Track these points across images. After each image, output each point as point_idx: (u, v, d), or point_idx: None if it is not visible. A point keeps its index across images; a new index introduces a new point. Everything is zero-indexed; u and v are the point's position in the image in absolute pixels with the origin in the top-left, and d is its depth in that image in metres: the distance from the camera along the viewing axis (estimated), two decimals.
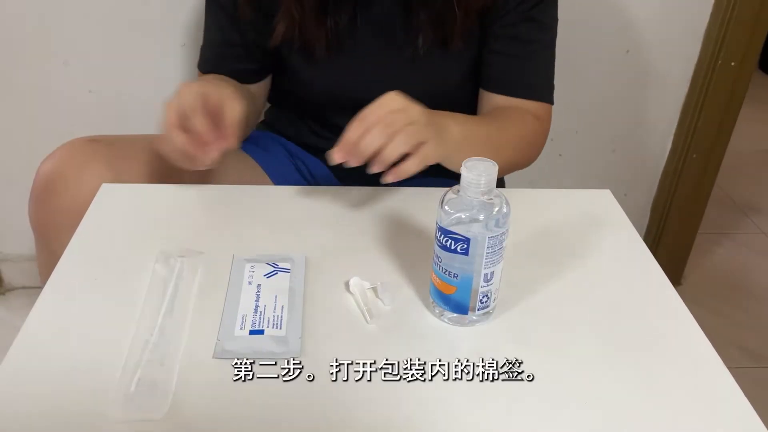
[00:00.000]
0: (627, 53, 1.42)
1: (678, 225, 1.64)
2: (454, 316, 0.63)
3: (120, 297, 0.65)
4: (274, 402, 0.55)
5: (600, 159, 1.57)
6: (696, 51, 1.43)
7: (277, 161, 1.01)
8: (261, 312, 0.63)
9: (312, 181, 1.04)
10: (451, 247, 0.60)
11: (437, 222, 0.61)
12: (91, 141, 0.84)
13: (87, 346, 0.60)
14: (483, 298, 0.62)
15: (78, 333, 0.61)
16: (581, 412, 0.56)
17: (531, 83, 0.94)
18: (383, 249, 0.73)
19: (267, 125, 1.11)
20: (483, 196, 0.58)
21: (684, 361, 0.61)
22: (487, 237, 0.59)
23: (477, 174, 0.58)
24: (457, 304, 0.62)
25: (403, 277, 0.69)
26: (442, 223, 0.60)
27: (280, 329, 0.61)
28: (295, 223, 0.77)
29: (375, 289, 0.67)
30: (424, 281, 0.67)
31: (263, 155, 1.01)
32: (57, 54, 1.34)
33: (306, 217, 0.78)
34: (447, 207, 0.60)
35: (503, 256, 0.61)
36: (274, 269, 0.69)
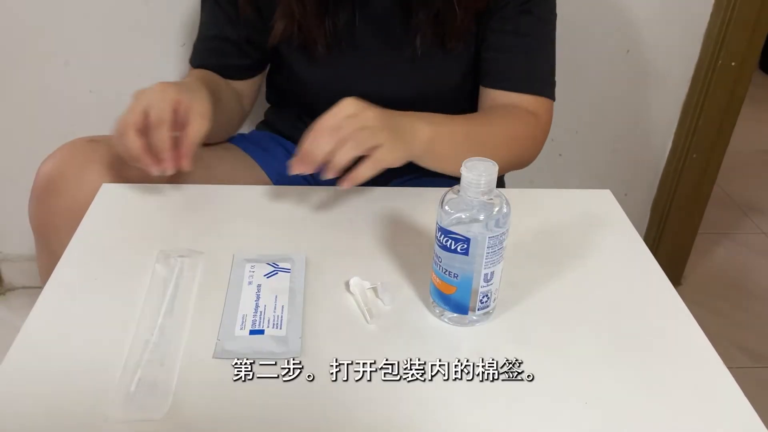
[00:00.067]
0: (627, 53, 1.42)
1: (678, 225, 1.64)
2: (454, 316, 0.63)
3: (120, 297, 0.65)
4: (274, 402, 0.55)
5: (600, 159, 1.56)
6: (696, 51, 1.43)
7: (277, 161, 1.01)
8: (261, 312, 0.63)
9: (312, 181, 1.04)
10: (452, 247, 0.60)
11: (437, 222, 0.61)
12: (92, 141, 0.84)
13: (87, 346, 0.60)
14: (483, 298, 0.62)
15: (78, 333, 0.61)
16: (581, 411, 0.56)
17: (527, 77, 0.92)
18: (383, 249, 0.73)
19: (267, 125, 1.11)
20: (483, 196, 0.58)
21: (684, 361, 0.61)
22: (487, 237, 0.59)
23: (477, 174, 0.58)
24: (457, 304, 0.62)
25: (403, 277, 0.69)
26: (442, 223, 0.60)
27: (280, 329, 0.61)
28: (295, 223, 0.77)
29: (375, 289, 0.67)
30: (424, 281, 0.67)
31: (263, 155, 1.01)
32: (57, 54, 1.34)
33: (306, 217, 0.78)
34: (447, 207, 0.60)
35: (503, 256, 0.61)
36: (274, 269, 0.69)
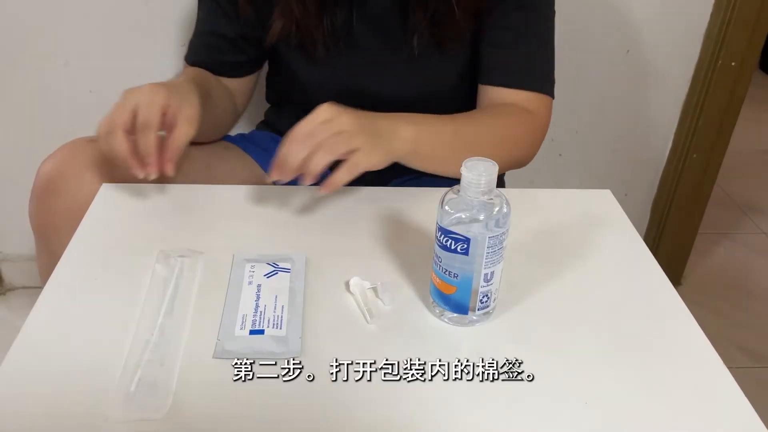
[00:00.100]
0: (627, 53, 1.42)
1: (678, 225, 1.64)
2: (454, 316, 0.63)
3: (120, 297, 0.65)
4: (274, 402, 0.55)
5: (600, 159, 1.57)
6: (696, 51, 1.43)
7: None
8: (261, 312, 0.63)
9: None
10: (452, 247, 0.60)
11: (437, 222, 0.61)
12: (92, 141, 0.84)
13: (87, 346, 0.60)
14: (483, 298, 0.62)
15: (78, 333, 0.61)
16: (581, 411, 0.56)
17: (524, 73, 0.91)
18: (383, 249, 0.73)
19: (267, 125, 1.11)
20: (483, 196, 0.58)
21: (684, 361, 0.61)
22: (487, 237, 0.59)
23: (477, 174, 0.58)
24: (457, 304, 0.62)
25: (403, 277, 0.69)
26: (442, 223, 0.60)
27: (280, 329, 0.61)
28: (295, 223, 0.77)
29: (375, 289, 0.67)
30: (424, 281, 0.67)
31: (263, 155, 1.01)
32: (57, 54, 1.34)
33: (306, 217, 0.78)
34: (447, 207, 0.60)
35: (503, 256, 0.61)
36: (274, 269, 0.69)
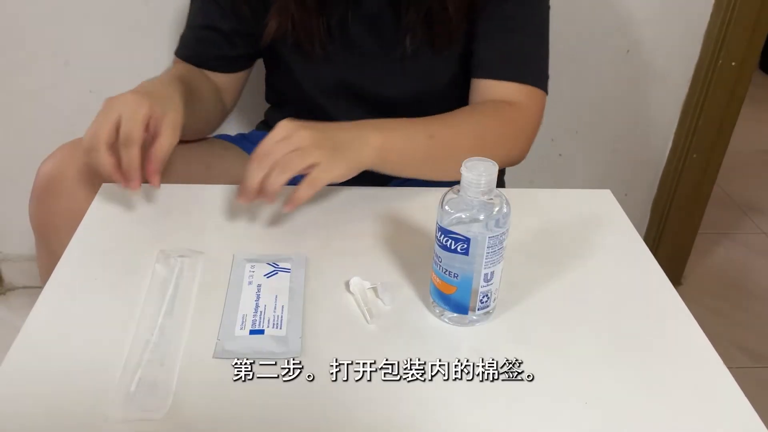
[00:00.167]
0: (627, 53, 1.42)
1: (678, 225, 1.64)
2: (454, 315, 0.63)
3: (120, 297, 0.65)
4: (274, 402, 0.55)
5: (600, 159, 1.57)
6: (696, 51, 1.43)
7: None
8: (261, 312, 0.63)
9: None
10: (452, 247, 0.60)
11: (437, 222, 0.61)
12: None
13: (87, 346, 0.60)
14: (483, 298, 0.62)
15: (78, 333, 0.61)
16: (581, 411, 0.56)
17: (515, 64, 0.89)
18: (383, 249, 0.73)
19: (267, 125, 1.11)
20: (483, 196, 0.58)
21: (684, 361, 0.61)
22: (488, 237, 0.59)
23: (477, 174, 0.57)
24: (457, 303, 0.62)
25: (403, 277, 0.69)
26: (442, 223, 0.60)
27: (280, 329, 0.61)
28: (295, 223, 0.77)
29: (375, 289, 0.67)
30: (424, 281, 0.67)
31: None
32: (57, 54, 1.34)
33: (306, 217, 0.78)
34: (447, 207, 0.60)
35: (503, 256, 0.61)
36: (274, 269, 0.69)
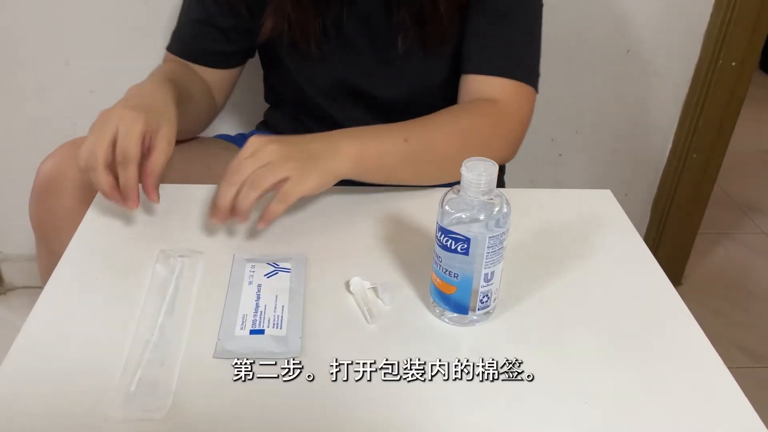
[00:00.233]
0: (627, 53, 1.42)
1: (678, 225, 1.64)
2: (454, 315, 0.63)
3: (120, 297, 0.65)
4: (274, 402, 0.55)
5: (600, 159, 1.57)
6: (696, 51, 1.43)
7: None
8: (261, 312, 0.63)
9: None
10: (452, 247, 0.60)
11: (437, 222, 0.61)
12: None
13: (87, 346, 0.60)
14: (483, 297, 0.62)
15: (78, 333, 0.61)
16: (581, 411, 0.56)
17: (504, 59, 0.87)
18: (383, 249, 0.73)
19: (266, 125, 1.11)
20: (483, 196, 0.58)
21: (684, 361, 0.61)
22: (488, 237, 0.59)
23: (477, 174, 0.57)
24: (458, 303, 0.62)
25: (403, 277, 0.69)
26: (442, 223, 0.60)
27: (280, 329, 0.61)
28: (295, 223, 0.77)
29: (375, 289, 0.67)
30: (424, 281, 0.67)
31: None
32: (58, 54, 1.34)
33: (306, 217, 0.78)
34: (447, 207, 0.60)
35: (503, 256, 0.61)
36: (274, 269, 0.69)
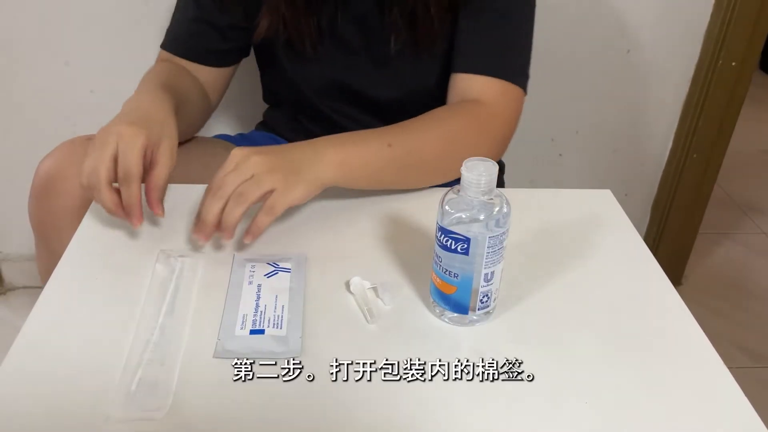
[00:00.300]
0: (627, 53, 1.42)
1: (678, 225, 1.64)
2: (454, 315, 0.63)
3: (120, 297, 0.65)
4: (274, 402, 0.55)
5: (600, 159, 1.57)
6: (696, 51, 1.43)
7: None
8: (261, 312, 0.63)
9: None
10: (452, 247, 0.60)
11: (437, 222, 0.61)
12: (90, 139, 0.84)
13: (87, 345, 0.60)
14: (483, 297, 0.62)
15: (78, 333, 0.61)
16: (581, 411, 0.56)
17: (493, 58, 0.86)
18: (383, 249, 0.73)
19: (265, 126, 1.11)
20: (483, 196, 0.58)
21: (684, 361, 0.61)
22: (488, 237, 0.59)
23: (477, 174, 0.58)
24: (458, 303, 0.62)
25: (404, 277, 0.69)
26: (442, 223, 0.60)
27: (280, 329, 0.61)
28: (296, 223, 0.77)
29: (375, 289, 0.67)
30: (424, 281, 0.67)
31: None
32: (58, 54, 1.34)
33: (306, 217, 0.78)
34: (447, 207, 0.60)
35: (503, 256, 0.61)
36: (274, 269, 0.69)
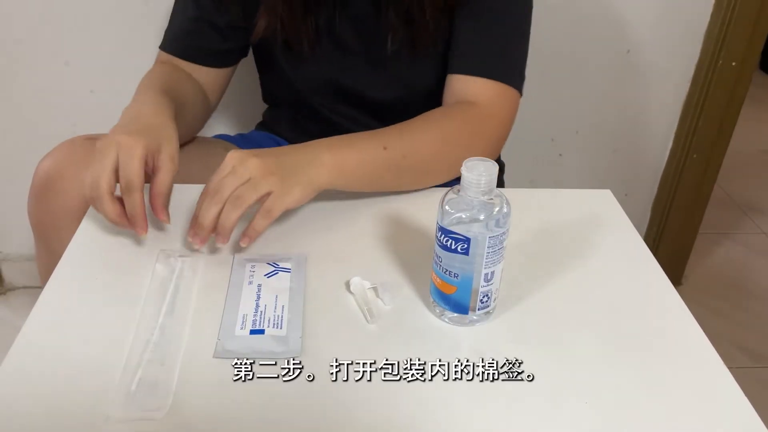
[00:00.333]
0: (627, 53, 1.42)
1: (678, 225, 1.64)
2: (454, 315, 0.63)
3: (120, 297, 0.65)
4: (274, 402, 0.55)
5: (600, 159, 1.57)
6: (696, 51, 1.43)
7: None
8: (261, 312, 0.63)
9: None
10: (452, 247, 0.60)
11: (438, 222, 0.61)
12: (90, 139, 0.84)
13: (87, 346, 0.60)
14: (483, 297, 0.62)
15: (78, 333, 0.61)
16: (581, 411, 0.56)
17: (489, 60, 0.86)
18: (383, 249, 0.73)
19: (265, 126, 1.11)
20: (483, 196, 0.58)
21: (684, 361, 0.61)
22: (488, 237, 0.59)
23: (477, 174, 0.58)
24: (458, 303, 0.62)
25: (404, 277, 0.69)
26: (442, 223, 0.60)
27: (280, 329, 0.61)
28: (296, 223, 0.77)
29: (375, 289, 0.67)
30: (424, 281, 0.67)
31: None
32: (58, 54, 1.34)
33: (306, 217, 0.78)
34: (447, 207, 0.60)
35: (503, 256, 0.61)
36: (274, 269, 0.69)
